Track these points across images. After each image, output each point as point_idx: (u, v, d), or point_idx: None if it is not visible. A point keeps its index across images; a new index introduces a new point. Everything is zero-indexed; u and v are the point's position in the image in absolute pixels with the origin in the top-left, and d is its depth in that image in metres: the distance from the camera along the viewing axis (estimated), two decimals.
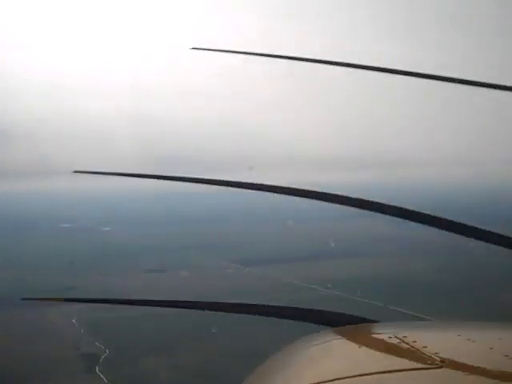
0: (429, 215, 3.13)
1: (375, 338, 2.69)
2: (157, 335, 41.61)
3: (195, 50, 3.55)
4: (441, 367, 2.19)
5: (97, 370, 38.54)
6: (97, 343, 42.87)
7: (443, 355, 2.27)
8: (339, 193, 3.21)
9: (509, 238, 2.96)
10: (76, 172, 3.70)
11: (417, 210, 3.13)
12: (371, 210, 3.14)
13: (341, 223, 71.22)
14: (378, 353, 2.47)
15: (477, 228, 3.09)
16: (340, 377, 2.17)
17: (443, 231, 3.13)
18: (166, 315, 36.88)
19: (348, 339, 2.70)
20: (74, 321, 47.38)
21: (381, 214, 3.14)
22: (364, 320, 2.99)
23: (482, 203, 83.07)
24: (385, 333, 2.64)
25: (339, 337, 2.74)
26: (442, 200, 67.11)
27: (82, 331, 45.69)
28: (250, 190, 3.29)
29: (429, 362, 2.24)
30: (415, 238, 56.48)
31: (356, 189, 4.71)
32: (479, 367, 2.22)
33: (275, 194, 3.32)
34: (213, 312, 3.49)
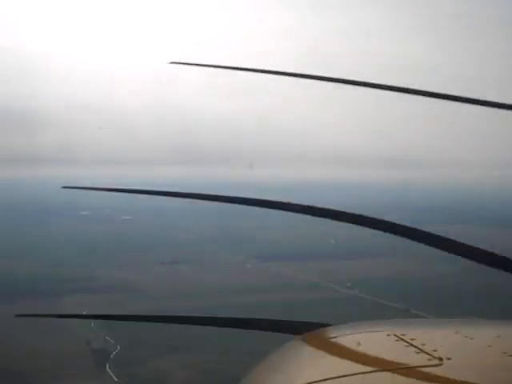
0: (384, 221, 2.98)
1: (373, 337, 2.63)
2: None
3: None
4: (440, 365, 2.19)
5: None
6: None
7: (442, 353, 2.27)
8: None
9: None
10: (64, 188, 3.55)
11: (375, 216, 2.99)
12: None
13: None
14: (377, 351, 2.44)
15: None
16: (340, 375, 2.14)
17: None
18: None
19: (344, 339, 2.65)
20: None
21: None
22: (328, 326, 2.88)
23: None
24: (383, 330, 2.62)
25: (336, 336, 2.67)
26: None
27: None
28: None
29: (428, 359, 2.24)
30: None
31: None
32: (478, 364, 2.22)
33: None
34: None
